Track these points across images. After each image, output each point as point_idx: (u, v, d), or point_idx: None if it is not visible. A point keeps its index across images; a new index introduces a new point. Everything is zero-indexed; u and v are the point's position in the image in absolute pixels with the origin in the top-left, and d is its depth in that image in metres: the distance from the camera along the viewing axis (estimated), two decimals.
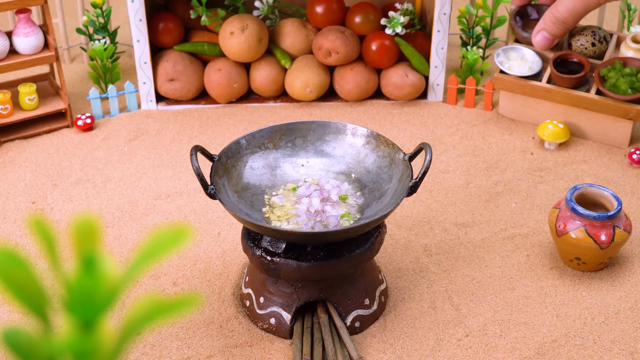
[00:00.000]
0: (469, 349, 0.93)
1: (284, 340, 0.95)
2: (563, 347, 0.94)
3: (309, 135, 1.01)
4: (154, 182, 1.23)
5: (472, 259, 1.07)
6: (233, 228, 1.13)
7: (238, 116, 1.41)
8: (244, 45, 1.37)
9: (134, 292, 1.02)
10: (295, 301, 0.94)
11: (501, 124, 1.37)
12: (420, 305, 1.00)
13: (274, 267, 0.90)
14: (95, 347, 0.36)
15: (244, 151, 0.98)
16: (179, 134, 1.36)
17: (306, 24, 1.45)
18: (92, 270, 0.35)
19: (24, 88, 1.34)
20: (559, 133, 1.29)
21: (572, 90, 1.29)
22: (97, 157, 1.29)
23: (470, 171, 1.25)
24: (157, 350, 0.93)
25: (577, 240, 1.00)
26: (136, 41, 1.36)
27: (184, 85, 1.41)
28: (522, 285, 1.03)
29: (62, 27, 1.58)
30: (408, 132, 1.35)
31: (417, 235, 1.11)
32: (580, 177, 1.24)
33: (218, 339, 0.95)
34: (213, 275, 1.05)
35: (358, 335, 0.95)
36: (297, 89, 1.40)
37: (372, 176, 0.98)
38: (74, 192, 1.21)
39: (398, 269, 1.05)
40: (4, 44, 1.31)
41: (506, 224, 1.14)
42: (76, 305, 0.35)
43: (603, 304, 1.00)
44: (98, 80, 1.44)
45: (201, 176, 0.89)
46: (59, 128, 1.36)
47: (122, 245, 1.10)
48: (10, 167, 1.27)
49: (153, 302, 0.36)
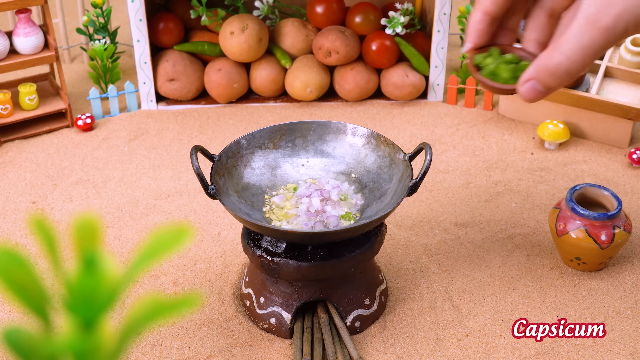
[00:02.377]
0: (469, 349, 0.93)
1: (284, 340, 0.95)
2: (563, 347, 0.94)
3: (309, 135, 1.01)
4: (154, 182, 1.23)
5: (472, 259, 1.07)
6: (233, 228, 1.13)
7: (238, 116, 1.41)
8: (244, 45, 1.37)
9: (135, 292, 1.02)
10: (296, 301, 0.94)
11: (501, 124, 1.37)
12: (420, 305, 1.00)
13: (274, 267, 0.91)
14: (96, 347, 0.36)
15: (244, 151, 0.98)
16: (179, 134, 1.36)
17: (306, 24, 1.45)
18: (93, 270, 0.35)
19: (24, 88, 1.34)
20: (559, 133, 1.29)
21: (572, 90, 1.29)
22: (97, 157, 1.29)
23: (470, 171, 1.25)
24: (157, 350, 0.93)
25: (577, 240, 1.00)
26: (136, 41, 1.36)
27: (184, 85, 1.41)
28: (522, 285, 1.03)
29: (62, 27, 1.58)
30: (408, 132, 1.35)
31: (417, 235, 1.11)
32: (580, 177, 1.24)
33: (218, 338, 0.95)
34: (213, 275, 1.05)
35: (358, 335, 0.95)
36: (297, 89, 1.40)
37: (372, 176, 0.98)
38: (74, 192, 1.21)
39: (398, 269, 1.05)
40: (4, 44, 1.31)
41: (506, 224, 1.14)
42: (77, 304, 0.35)
43: (603, 304, 1.00)
44: (98, 80, 1.44)
45: (201, 176, 0.89)
46: (59, 128, 1.36)
47: (123, 245, 1.10)
48: (11, 167, 1.27)
49: (153, 302, 0.36)
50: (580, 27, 0.71)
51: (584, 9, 0.71)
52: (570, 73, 0.74)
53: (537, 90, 0.76)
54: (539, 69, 0.75)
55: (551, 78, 0.74)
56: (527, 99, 0.77)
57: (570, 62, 0.73)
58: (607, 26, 0.70)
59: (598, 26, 0.70)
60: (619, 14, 0.70)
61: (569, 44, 0.72)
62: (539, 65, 0.75)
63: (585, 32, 0.71)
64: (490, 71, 0.83)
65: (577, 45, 0.72)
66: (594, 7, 0.71)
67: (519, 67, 0.81)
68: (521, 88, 0.77)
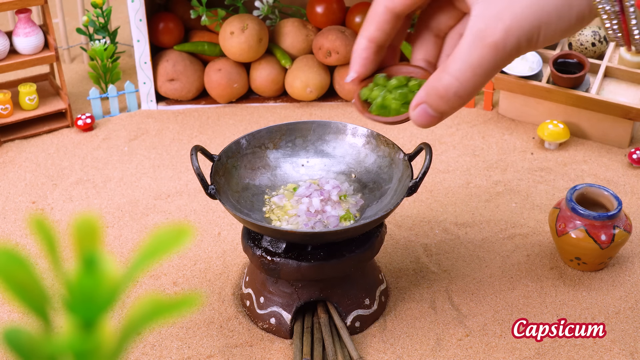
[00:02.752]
0: (470, 349, 0.93)
1: (284, 340, 0.95)
2: (563, 347, 0.94)
3: (309, 135, 1.01)
4: (154, 182, 1.23)
5: (472, 259, 1.07)
6: (233, 228, 1.13)
7: (238, 116, 1.41)
8: (244, 45, 1.37)
9: (135, 292, 1.02)
10: (296, 301, 0.94)
11: (501, 124, 1.37)
12: (420, 305, 1.00)
13: (274, 267, 0.91)
14: (96, 347, 0.36)
15: (244, 151, 0.98)
16: (179, 134, 1.36)
17: (306, 24, 1.45)
18: (93, 269, 0.35)
19: (24, 88, 1.34)
20: (559, 133, 1.29)
21: (572, 90, 1.29)
22: (97, 157, 1.29)
23: (470, 171, 1.25)
24: (157, 350, 0.93)
25: (577, 240, 1.00)
26: (136, 41, 1.36)
27: (184, 85, 1.41)
28: (522, 285, 1.03)
29: (62, 27, 1.58)
30: (408, 132, 1.35)
31: (417, 235, 1.11)
32: (580, 177, 1.24)
33: (218, 338, 0.95)
34: (213, 275, 1.05)
35: (358, 335, 0.95)
36: (297, 89, 1.40)
37: (372, 176, 0.98)
38: (74, 192, 1.21)
39: (398, 269, 1.05)
40: (4, 44, 1.31)
41: (506, 224, 1.14)
42: (77, 304, 0.35)
43: (603, 304, 1.00)
44: (98, 80, 1.44)
45: (201, 176, 0.89)
46: (59, 128, 1.36)
47: (123, 245, 1.10)
48: (11, 167, 1.27)
49: (153, 302, 0.36)
50: (468, 45, 0.66)
51: (471, 26, 0.66)
52: (460, 95, 0.67)
53: (429, 114, 0.70)
54: (428, 92, 0.69)
55: (441, 101, 0.68)
56: (420, 124, 0.71)
57: (460, 83, 0.67)
58: (496, 42, 0.65)
59: (487, 43, 0.65)
60: (509, 28, 0.64)
61: (457, 64, 0.67)
62: (429, 87, 0.69)
63: (473, 49, 0.66)
64: (378, 105, 0.77)
65: (465, 64, 0.66)
66: (482, 23, 0.65)
67: (409, 89, 0.76)
68: (413, 114, 0.71)
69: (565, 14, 0.64)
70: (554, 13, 0.64)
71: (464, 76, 0.66)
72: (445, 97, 0.68)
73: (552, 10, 0.64)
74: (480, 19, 0.65)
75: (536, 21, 0.64)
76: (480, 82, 0.67)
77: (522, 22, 0.64)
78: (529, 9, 0.64)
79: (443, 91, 0.68)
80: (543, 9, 0.64)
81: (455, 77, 0.67)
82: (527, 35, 0.65)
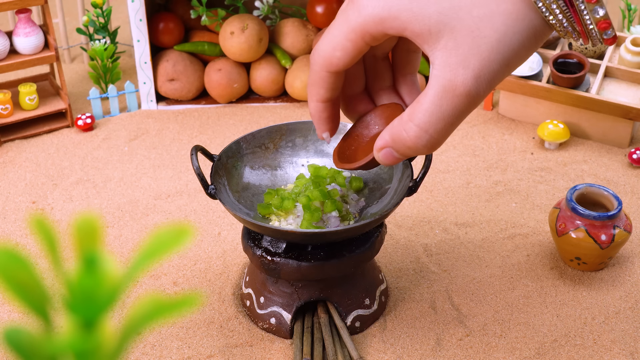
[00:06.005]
0: (470, 349, 0.93)
1: (284, 340, 0.95)
2: (563, 347, 0.94)
3: (310, 135, 1.01)
4: (154, 182, 1.23)
5: (472, 259, 1.07)
6: (233, 228, 1.13)
7: (238, 116, 1.41)
8: (244, 45, 1.37)
9: (135, 291, 1.02)
10: (296, 301, 0.94)
11: (501, 124, 1.37)
12: (420, 305, 1.00)
13: (274, 267, 0.91)
14: (96, 347, 0.36)
15: (244, 151, 0.98)
16: (179, 134, 1.36)
17: (306, 24, 1.45)
18: (93, 269, 0.35)
19: (24, 88, 1.34)
20: (559, 133, 1.29)
21: (572, 90, 1.29)
22: (97, 157, 1.29)
23: (470, 171, 1.25)
24: (157, 350, 0.93)
25: (577, 240, 1.00)
26: (136, 41, 1.36)
27: (184, 85, 1.41)
28: (523, 285, 1.03)
29: (62, 27, 1.58)
30: None
31: (417, 235, 1.11)
32: (580, 177, 1.24)
33: (218, 338, 0.95)
34: (213, 275, 1.05)
35: (358, 335, 0.95)
36: (298, 89, 1.40)
37: (372, 176, 0.98)
38: (74, 192, 1.21)
39: (398, 269, 1.05)
40: (4, 44, 1.31)
41: (506, 224, 1.14)
42: (77, 304, 0.35)
43: (603, 303, 1.00)
44: (98, 80, 1.44)
45: (201, 176, 0.89)
46: (59, 128, 1.36)
47: (123, 245, 1.10)
48: (11, 167, 1.27)
49: (154, 302, 0.36)
50: (438, 97, 0.62)
51: (437, 75, 0.62)
52: (432, 145, 0.65)
53: (395, 157, 0.69)
54: (394, 139, 0.66)
55: (409, 150, 0.66)
56: (387, 165, 0.70)
57: (430, 136, 0.64)
58: (468, 91, 0.61)
59: (458, 93, 0.61)
60: (478, 76, 0.61)
61: (426, 116, 0.63)
62: (394, 134, 0.66)
63: (444, 101, 0.62)
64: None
65: (435, 117, 0.63)
66: (449, 73, 0.61)
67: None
68: (378, 155, 0.69)
69: (532, 42, 0.61)
70: (520, 47, 0.61)
71: (434, 128, 0.64)
72: (414, 148, 0.66)
73: (517, 46, 0.61)
74: (445, 69, 0.61)
75: (504, 60, 0.61)
76: (452, 129, 0.64)
77: (492, 65, 0.61)
78: (495, 51, 0.60)
79: (411, 143, 0.65)
80: (509, 47, 0.60)
81: (425, 129, 0.64)
82: (499, 76, 0.62)
